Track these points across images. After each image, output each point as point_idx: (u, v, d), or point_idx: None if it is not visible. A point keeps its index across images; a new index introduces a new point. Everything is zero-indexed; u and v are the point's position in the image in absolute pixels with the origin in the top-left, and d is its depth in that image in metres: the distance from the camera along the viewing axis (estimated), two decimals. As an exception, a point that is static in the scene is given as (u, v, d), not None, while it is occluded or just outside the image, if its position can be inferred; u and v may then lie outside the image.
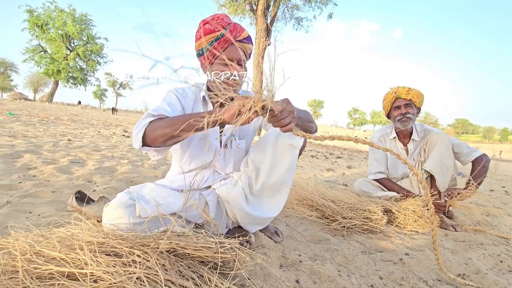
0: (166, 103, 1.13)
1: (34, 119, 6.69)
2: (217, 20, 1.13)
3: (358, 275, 1.08)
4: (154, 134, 0.96)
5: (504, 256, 1.39)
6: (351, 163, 5.59)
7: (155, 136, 0.96)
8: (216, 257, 0.81)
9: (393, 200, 1.86)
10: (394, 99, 2.00)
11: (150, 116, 1.02)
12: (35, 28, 29.95)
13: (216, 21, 1.13)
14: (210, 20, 1.13)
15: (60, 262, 0.74)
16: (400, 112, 1.98)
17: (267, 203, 1.23)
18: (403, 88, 1.97)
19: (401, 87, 1.99)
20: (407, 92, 1.95)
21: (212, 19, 1.14)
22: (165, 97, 1.20)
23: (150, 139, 0.97)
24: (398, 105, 1.99)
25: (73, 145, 3.40)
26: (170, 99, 1.18)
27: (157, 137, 0.95)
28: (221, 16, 1.15)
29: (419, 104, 1.98)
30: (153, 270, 0.75)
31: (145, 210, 0.94)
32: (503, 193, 3.72)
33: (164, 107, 1.11)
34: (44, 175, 1.90)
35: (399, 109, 1.99)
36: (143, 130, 0.96)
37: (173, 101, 1.17)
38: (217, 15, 1.16)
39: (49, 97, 32.45)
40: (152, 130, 0.96)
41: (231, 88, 1.07)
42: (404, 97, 1.96)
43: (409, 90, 1.95)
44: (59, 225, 1.01)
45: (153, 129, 0.96)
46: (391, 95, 2.01)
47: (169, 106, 1.12)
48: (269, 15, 11.17)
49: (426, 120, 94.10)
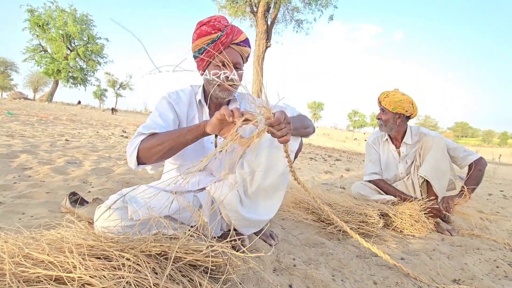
0: (157, 114, 1.15)
1: (32, 118, 6.68)
2: (214, 22, 1.13)
3: (352, 280, 1.07)
4: (147, 154, 1.00)
5: (500, 261, 1.38)
6: (350, 166, 5.58)
7: (148, 155, 1.00)
8: (207, 261, 0.80)
9: (390, 203, 1.85)
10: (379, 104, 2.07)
11: (141, 135, 1.04)
12: (36, 28, 29.94)
13: (213, 23, 1.13)
14: (207, 22, 1.13)
15: (48, 266, 0.73)
16: (377, 116, 2.06)
17: (262, 205, 1.22)
18: (383, 94, 2.02)
19: (386, 92, 2.03)
20: (382, 99, 2.01)
21: (209, 21, 1.14)
22: (157, 105, 1.20)
23: (144, 158, 1.01)
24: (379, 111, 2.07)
25: (70, 145, 3.39)
26: (162, 108, 1.19)
27: (150, 156, 1.00)
28: (218, 18, 1.15)
29: (395, 110, 1.94)
30: (142, 274, 0.74)
31: (137, 212, 0.93)
32: (501, 197, 3.71)
33: (156, 120, 1.12)
34: (39, 176, 1.89)
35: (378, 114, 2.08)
36: (136, 150, 1.00)
37: (165, 110, 1.18)
38: (215, 17, 1.15)
39: (48, 96, 32.42)
40: (145, 150, 1.00)
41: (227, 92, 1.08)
42: (380, 104, 2.03)
43: (385, 97, 1.98)
44: (50, 227, 1.00)
45: (145, 149, 1.00)
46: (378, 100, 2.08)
47: (161, 118, 1.13)
48: (270, 17, 11.20)
49: (426, 123, 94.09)
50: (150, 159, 1.01)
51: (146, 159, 1.01)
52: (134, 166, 1.01)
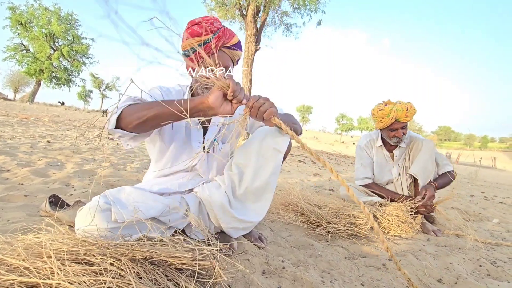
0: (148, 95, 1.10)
1: (12, 119, 6.42)
2: (206, 23, 1.09)
3: (341, 281, 1.07)
4: (131, 117, 0.91)
5: (483, 260, 1.41)
6: (338, 168, 5.65)
7: (131, 119, 0.91)
8: (193, 264, 0.78)
9: (378, 205, 1.87)
10: (393, 122, 1.91)
11: (131, 100, 0.98)
12: (17, 26, 28.92)
13: (205, 24, 1.09)
14: (199, 22, 1.09)
15: (24, 272, 0.69)
16: (396, 135, 1.94)
17: (251, 208, 1.21)
18: (401, 111, 1.86)
19: (399, 107, 1.87)
20: (405, 116, 1.86)
21: (201, 21, 1.10)
22: (148, 91, 1.17)
23: (126, 121, 0.92)
24: (395, 128, 1.93)
25: (52, 147, 3.27)
26: (153, 93, 1.16)
27: (133, 120, 0.91)
28: (211, 20, 1.12)
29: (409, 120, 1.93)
30: (126, 279, 0.71)
31: (121, 214, 0.90)
32: (482, 199, 3.84)
33: (146, 96, 1.06)
34: (17, 178, 1.80)
35: (395, 131, 1.94)
36: (120, 110, 0.92)
37: (156, 95, 1.15)
38: (207, 18, 1.12)
39: (30, 97, 31.30)
40: (129, 112, 0.92)
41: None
42: (402, 120, 1.89)
43: (407, 112, 1.86)
44: (28, 231, 0.95)
45: (130, 111, 0.92)
46: (389, 118, 1.89)
47: (150, 97, 1.08)
48: (259, 20, 11.25)
49: (411, 127, 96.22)
50: (130, 123, 0.91)
51: (126, 124, 0.92)
52: (112, 127, 0.92)
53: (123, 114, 0.92)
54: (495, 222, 2.38)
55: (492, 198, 4.09)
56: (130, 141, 1.01)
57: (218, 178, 1.23)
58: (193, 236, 1.14)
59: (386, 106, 1.92)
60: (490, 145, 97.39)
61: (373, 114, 2.00)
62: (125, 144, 1.02)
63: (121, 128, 0.94)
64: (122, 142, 1.01)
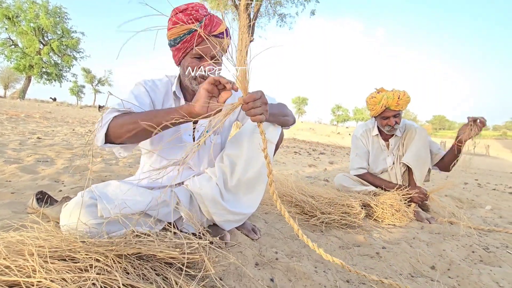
0: (133, 96, 1.06)
1: (2, 116, 6.29)
2: (191, 10, 1.04)
3: (334, 271, 1.06)
4: (119, 131, 0.88)
5: (476, 246, 1.42)
6: (334, 159, 5.66)
7: (119, 133, 0.88)
8: (181, 258, 0.76)
9: (372, 194, 1.87)
10: (383, 110, 1.90)
11: (115, 111, 0.94)
12: (5, 20, 28.11)
13: (190, 11, 1.04)
14: (184, 10, 1.04)
15: (4, 271, 0.66)
16: (388, 123, 1.92)
17: (243, 199, 1.19)
18: (392, 99, 1.84)
19: (390, 95, 1.85)
20: (396, 104, 1.84)
21: (186, 9, 1.05)
22: (133, 89, 1.12)
23: (115, 135, 0.89)
24: (387, 116, 1.91)
25: (42, 143, 3.20)
26: (138, 91, 1.11)
27: (121, 134, 0.88)
28: (196, 7, 1.06)
29: (403, 108, 1.89)
30: (112, 275, 0.69)
31: (107, 210, 0.87)
32: (476, 186, 3.89)
33: (131, 100, 1.03)
34: (5, 175, 1.76)
35: (387, 119, 1.92)
36: (106, 126, 0.88)
37: (141, 94, 1.10)
38: (192, 5, 1.07)
39: (20, 93, 30.66)
40: (117, 126, 0.88)
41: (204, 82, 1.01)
42: (394, 109, 1.87)
43: (398, 100, 1.83)
44: (11, 228, 0.92)
45: (117, 125, 0.88)
46: (379, 105, 1.88)
47: (136, 100, 1.05)
48: (252, 11, 11.08)
49: (406, 116, 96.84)
50: (120, 138, 0.89)
51: (115, 137, 0.89)
52: (101, 144, 0.89)
53: (110, 129, 0.88)
54: (488, 209, 2.41)
55: (485, 185, 4.14)
56: (121, 150, 0.98)
57: (209, 170, 1.20)
58: (185, 230, 1.12)
59: (378, 93, 1.91)
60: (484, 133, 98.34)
61: (367, 102, 2.00)
62: (117, 153, 0.99)
63: (111, 141, 0.91)
64: (114, 151, 0.98)
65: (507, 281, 1.11)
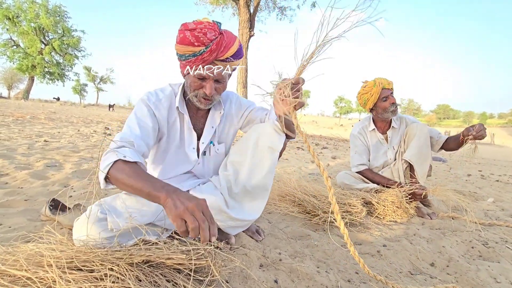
0: (136, 122, 1.05)
1: (8, 118, 6.38)
2: (199, 33, 0.98)
3: (336, 270, 1.10)
4: (116, 183, 0.89)
5: (475, 242, 1.45)
6: (336, 153, 5.68)
7: (116, 184, 0.89)
8: (189, 264, 0.80)
9: (373, 191, 1.91)
10: (381, 90, 1.97)
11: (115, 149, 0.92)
12: (5, 21, 28.18)
13: (198, 34, 0.98)
14: (192, 29, 0.99)
15: (26, 282, 0.71)
16: (391, 101, 1.97)
17: (247, 207, 1.21)
18: (383, 79, 1.98)
19: (378, 78, 1.99)
20: (388, 83, 1.97)
21: (194, 29, 0.99)
22: (136, 110, 1.10)
23: (113, 181, 0.89)
24: (386, 95, 1.97)
25: (49, 146, 3.27)
26: (141, 113, 1.09)
27: (118, 184, 0.89)
28: (205, 29, 0.99)
29: None
30: (126, 282, 0.74)
31: (117, 223, 0.92)
32: (479, 178, 3.89)
33: (133, 128, 1.03)
34: (17, 182, 1.82)
35: (387, 99, 1.97)
36: (106, 170, 0.88)
37: (144, 116, 1.08)
38: (201, 26, 1.00)
39: (24, 94, 30.93)
40: (113, 179, 0.88)
41: None
42: (387, 87, 1.96)
43: (387, 80, 1.98)
44: (29, 239, 0.97)
45: (113, 178, 0.88)
46: (378, 87, 1.96)
47: (139, 126, 1.04)
48: (252, 4, 10.97)
49: (410, 106, 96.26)
50: (117, 186, 0.90)
51: (114, 183, 0.90)
52: (102, 186, 0.90)
53: (111, 175, 0.89)
54: (490, 201, 2.43)
55: (488, 176, 4.14)
56: None
57: (214, 179, 1.24)
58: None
59: (367, 81, 2.06)
60: (489, 121, 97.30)
61: (360, 95, 2.07)
62: None
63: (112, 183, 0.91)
64: None
65: (505, 276, 1.14)
